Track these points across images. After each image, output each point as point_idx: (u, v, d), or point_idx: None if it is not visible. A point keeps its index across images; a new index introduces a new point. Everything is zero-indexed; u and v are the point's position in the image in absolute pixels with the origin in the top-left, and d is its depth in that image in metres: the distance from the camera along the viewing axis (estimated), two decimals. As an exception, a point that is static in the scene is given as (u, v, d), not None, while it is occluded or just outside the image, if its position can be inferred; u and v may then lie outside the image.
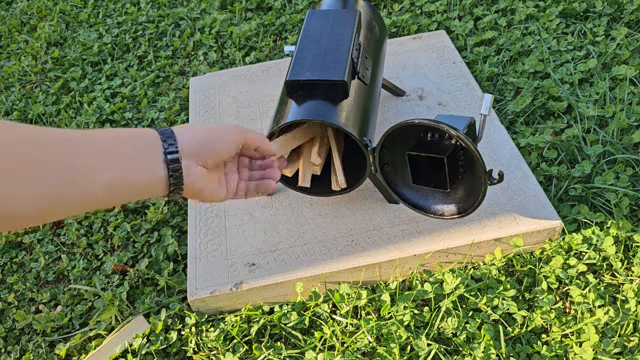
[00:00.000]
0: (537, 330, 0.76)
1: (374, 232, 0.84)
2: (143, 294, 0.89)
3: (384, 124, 1.01)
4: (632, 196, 0.88)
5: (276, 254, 0.84)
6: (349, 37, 0.81)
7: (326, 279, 0.81)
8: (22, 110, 1.33)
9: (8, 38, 1.63)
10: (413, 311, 0.78)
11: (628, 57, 1.11)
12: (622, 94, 1.03)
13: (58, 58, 1.49)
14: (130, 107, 1.28)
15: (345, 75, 0.74)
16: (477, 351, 0.72)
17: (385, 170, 0.78)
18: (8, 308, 0.93)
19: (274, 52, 1.36)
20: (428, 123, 0.67)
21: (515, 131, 1.03)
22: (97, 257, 0.98)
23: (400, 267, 0.82)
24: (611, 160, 0.94)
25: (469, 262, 0.83)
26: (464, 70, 1.10)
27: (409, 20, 1.33)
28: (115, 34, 1.52)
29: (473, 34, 1.27)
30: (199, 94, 1.17)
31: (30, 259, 1.00)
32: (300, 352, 0.77)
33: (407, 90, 1.07)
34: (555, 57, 1.15)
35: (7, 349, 0.87)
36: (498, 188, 0.87)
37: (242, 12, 1.51)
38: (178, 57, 1.41)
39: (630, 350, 0.72)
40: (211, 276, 0.83)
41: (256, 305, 0.83)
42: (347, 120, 0.73)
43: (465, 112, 1.01)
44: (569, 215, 0.87)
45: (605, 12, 1.23)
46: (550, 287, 0.79)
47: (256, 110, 1.10)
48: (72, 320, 0.89)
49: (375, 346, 0.75)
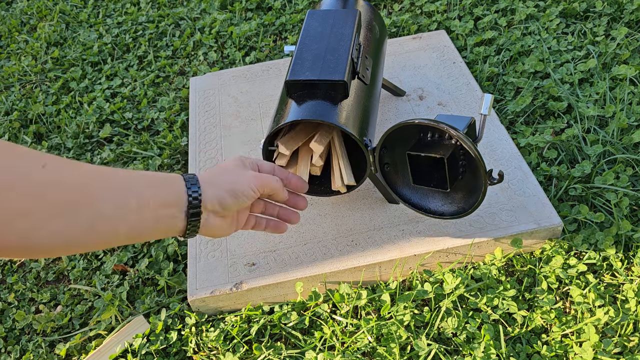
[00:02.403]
0: (537, 330, 0.76)
1: (374, 232, 0.84)
2: (143, 294, 0.89)
3: (384, 124, 1.01)
4: (632, 196, 0.88)
5: (276, 254, 0.84)
6: (349, 37, 0.80)
7: (326, 279, 0.81)
8: (22, 110, 1.33)
9: (8, 38, 1.63)
10: (413, 311, 0.78)
11: (628, 57, 1.11)
12: (622, 94, 1.03)
13: (58, 58, 1.49)
14: (130, 107, 1.28)
15: (345, 75, 0.74)
16: (477, 351, 0.72)
17: (385, 170, 0.78)
18: (8, 308, 0.93)
19: (274, 52, 1.36)
20: (428, 123, 0.67)
21: (515, 131, 1.03)
22: (97, 257, 0.98)
23: (400, 267, 0.82)
24: (611, 160, 0.94)
25: (469, 262, 0.83)
26: (464, 70, 1.10)
27: (409, 20, 1.33)
28: (115, 34, 1.52)
29: (473, 34, 1.27)
30: (199, 94, 1.17)
31: (30, 259, 1.00)
32: (300, 352, 0.77)
33: (407, 90, 1.07)
34: (555, 57, 1.15)
35: (7, 349, 0.87)
36: (498, 188, 0.87)
37: (242, 12, 1.51)
38: (178, 57, 1.41)
39: (630, 350, 0.72)
40: (211, 276, 0.83)
41: (256, 305, 0.83)
42: (347, 120, 0.73)
43: (465, 112, 1.01)
44: (569, 215, 0.87)
45: (605, 12, 1.23)
46: (550, 287, 0.79)
47: (256, 110, 1.10)
48: (72, 320, 0.89)
49: (375, 346, 0.75)
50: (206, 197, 0.54)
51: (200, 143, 1.05)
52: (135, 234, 0.48)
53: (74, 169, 0.44)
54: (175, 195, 0.52)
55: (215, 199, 0.55)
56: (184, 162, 1.11)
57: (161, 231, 0.51)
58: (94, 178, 0.45)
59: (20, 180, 0.38)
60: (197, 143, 1.05)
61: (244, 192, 0.58)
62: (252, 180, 0.59)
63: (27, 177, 0.39)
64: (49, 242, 0.41)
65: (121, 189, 0.47)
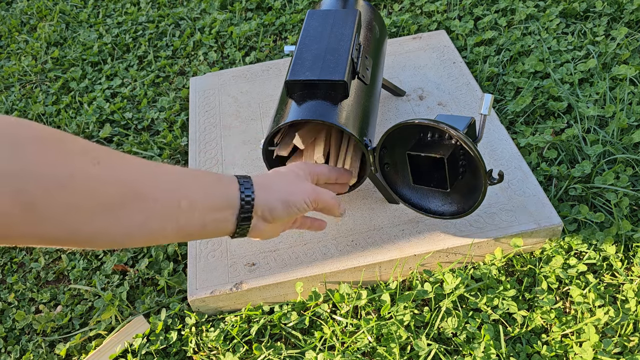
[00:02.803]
0: (537, 330, 0.76)
1: (374, 232, 0.84)
2: (143, 294, 0.89)
3: (384, 124, 1.01)
4: (632, 196, 0.88)
5: (276, 254, 0.84)
6: (349, 37, 0.80)
7: (326, 279, 0.81)
8: (22, 110, 1.33)
9: (8, 38, 1.63)
10: (413, 311, 0.78)
11: (628, 57, 1.11)
12: (622, 94, 1.03)
13: (58, 58, 1.49)
14: (130, 107, 1.28)
15: (345, 75, 0.74)
16: (477, 351, 0.72)
17: (385, 170, 0.78)
18: (8, 308, 0.93)
19: (274, 52, 1.36)
20: (428, 123, 0.67)
21: (515, 131, 1.03)
22: (97, 257, 0.98)
23: (400, 267, 0.82)
24: (611, 160, 0.94)
25: (469, 262, 0.83)
26: (464, 70, 1.10)
27: (409, 20, 1.33)
28: (115, 34, 1.52)
29: (473, 34, 1.27)
30: (199, 94, 1.17)
31: (30, 259, 1.00)
32: (300, 352, 0.77)
33: (407, 90, 1.07)
34: (555, 57, 1.15)
35: (7, 349, 0.87)
36: (498, 188, 0.87)
37: (242, 12, 1.51)
38: (178, 57, 1.41)
39: (630, 350, 0.72)
40: (211, 276, 0.83)
41: (256, 305, 0.83)
42: (347, 120, 0.73)
43: (465, 112, 1.01)
44: (569, 215, 0.87)
45: (605, 12, 1.23)
46: (550, 287, 0.79)
47: (256, 110, 1.10)
48: (72, 320, 0.89)
49: (375, 346, 0.75)
50: (258, 202, 0.53)
51: (200, 143, 1.05)
52: (183, 234, 0.47)
53: (126, 165, 0.43)
54: (227, 198, 0.51)
55: (267, 206, 0.54)
56: (184, 162, 1.11)
57: (210, 232, 0.50)
58: (146, 176, 0.44)
59: (75, 177, 0.38)
60: (197, 143, 1.05)
61: (297, 205, 0.57)
62: (308, 193, 0.58)
63: (81, 175, 0.39)
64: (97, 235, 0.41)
65: (172, 189, 0.46)
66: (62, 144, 0.39)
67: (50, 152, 0.37)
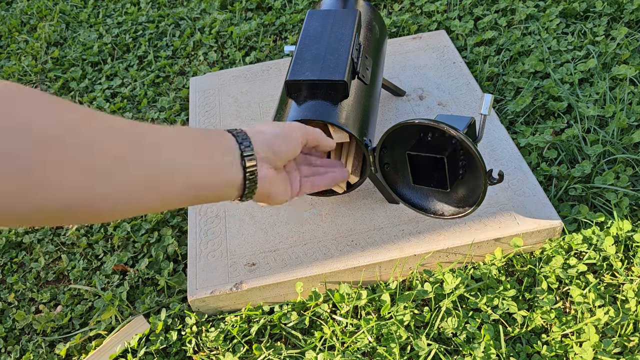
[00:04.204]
0: (537, 330, 0.76)
1: (374, 232, 0.84)
2: (143, 294, 0.89)
3: (384, 124, 1.01)
4: (632, 196, 0.88)
5: (276, 254, 0.84)
6: (349, 37, 0.80)
7: (326, 279, 0.81)
8: (22, 110, 1.33)
9: (8, 38, 1.63)
10: (413, 311, 0.78)
11: (628, 57, 1.11)
12: (622, 94, 1.03)
13: (58, 58, 1.49)
14: (130, 107, 1.28)
15: (345, 75, 0.74)
16: (477, 351, 0.72)
17: (385, 170, 0.78)
18: (8, 308, 0.93)
19: (274, 52, 1.36)
20: (428, 123, 0.67)
21: (515, 131, 1.03)
22: (97, 257, 0.98)
23: (400, 267, 0.82)
24: (611, 160, 0.94)
25: (469, 262, 0.83)
26: (464, 70, 1.10)
27: (409, 20, 1.33)
28: (115, 34, 1.52)
29: (473, 34, 1.27)
30: (199, 94, 1.17)
31: (30, 259, 1.00)
32: (300, 352, 0.77)
33: (407, 90, 1.07)
34: (555, 57, 1.15)
35: (7, 349, 0.87)
36: (498, 188, 0.87)
37: (242, 12, 1.51)
38: (178, 57, 1.41)
39: (631, 350, 0.72)
40: (211, 276, 0.83)
41: (256, 305, 0.83)
42: (347, 120, 0.73)
43: (465, 112, 1.01)
44: (569, 215, 0.87)
45: (605, 12, 1.23)
46: (550, 287, 0.79)
47: (256, 110, 1.10)
48: (72, 320, 0.89)
49: (375, 346, 0.75)
50: (256, 143, 0.52)
51: (200, 143, 1.05)
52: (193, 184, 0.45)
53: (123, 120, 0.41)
54: (226, 143, 0.50)
55: (265, 144, 0.53)
56: (184, 162, 1.11)
57: (219, 185, 0.49)
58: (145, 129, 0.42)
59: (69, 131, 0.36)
60: (197, 143, 1.05)
61: (292, 136, 0.57)
62: (297, 126, 0.59)
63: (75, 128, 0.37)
64: (98, 199, 0.38)
65: (173, 139, 0.44)
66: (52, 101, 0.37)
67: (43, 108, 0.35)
